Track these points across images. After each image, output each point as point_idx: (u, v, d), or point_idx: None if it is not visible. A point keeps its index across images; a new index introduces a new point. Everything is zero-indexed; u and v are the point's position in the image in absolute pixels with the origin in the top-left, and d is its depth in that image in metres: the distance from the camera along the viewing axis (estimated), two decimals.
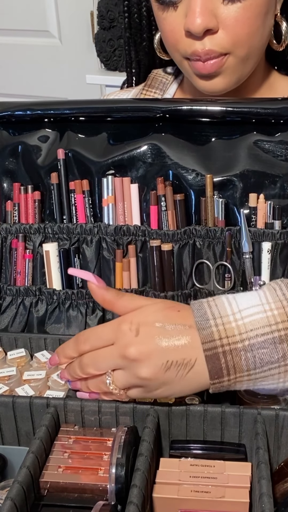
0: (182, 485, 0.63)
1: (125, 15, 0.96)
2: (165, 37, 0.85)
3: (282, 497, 0.63)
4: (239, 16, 0.78)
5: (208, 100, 0.83)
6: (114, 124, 0.87)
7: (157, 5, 0.82)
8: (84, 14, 2.15)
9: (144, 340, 0.62)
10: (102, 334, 0.65)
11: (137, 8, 0.95)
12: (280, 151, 0.82)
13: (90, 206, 0.87)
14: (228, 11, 0.78)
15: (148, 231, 0.84)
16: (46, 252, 0.87)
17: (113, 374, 0.64)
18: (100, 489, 0.61)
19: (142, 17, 0.95)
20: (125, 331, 0.63)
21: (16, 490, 0.58)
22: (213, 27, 0.78)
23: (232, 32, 0.79)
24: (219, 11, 0.78)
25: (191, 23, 0.77)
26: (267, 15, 0.81)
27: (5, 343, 0.85)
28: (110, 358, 0.64)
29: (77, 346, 0.67)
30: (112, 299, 0.67)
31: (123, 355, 0.63)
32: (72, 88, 2.22)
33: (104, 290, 0.67)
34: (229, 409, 0.67)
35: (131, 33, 0.98)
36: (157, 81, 1.00)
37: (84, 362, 0.66)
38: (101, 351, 0.65)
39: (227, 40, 0.79)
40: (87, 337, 0.66)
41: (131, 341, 0.62)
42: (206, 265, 0.84)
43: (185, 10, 0.79)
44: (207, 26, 0.77)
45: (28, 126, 0.89)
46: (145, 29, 0.97)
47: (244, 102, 0.83)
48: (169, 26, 0.82)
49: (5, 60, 2.35)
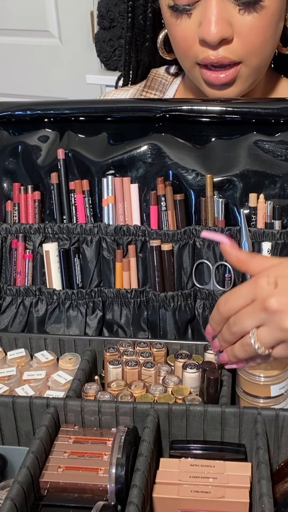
0: (182, 485, 0.63)
1: (128, 15, 0.95)
2: (176, 43, 0.84)
3: (282, 497, 0.63)
4: (253, 25, 0.77)
5: (208, 100, 0.83)
6: (114, 124, 0.87)
7: (170, 12, 0.80)
8: (84, 14, 2.15)
9: (283, 291, 0.63)
10: (240, 293, 0.66)
11: (143, 9, 0.94)
12: (280, 151, 0.82)
13: (90, 206, 0.87)
14: (243, 20, 0.77)
15: (147, 231, 0.84)
16: (46, 252, 0.87)
17: (257, 332, 0.64)
18: (100, 489, 0.61)
19: (147, 18, 0.94)
20: (263, 285, 0.64)
21: (16, 490, 0.58)
22: (229, 36, 0.77)
23: (247, 41, 0.78)
24: (234, 20, 0.77)
25: (207, 33, 0.76)
26: (279, 23, 0.81)
27: (5, 343, 0.85)
28: (252, 314, 0.64)
29: (219, 309, 0.67)
30: (246, 259, 0.68)
31: (265, 307, 0.63)
32: (72, 88, 2.21)
33: (238, 251, 0.69)
34: (229, 409, 0.67)
35: (133, 33, 0.97)
36: (156, 81, 1.00)
37: (229, 323, 0.67)
38: (243, 309, 0.65)
39: (241, 48, 0.79)
40: (227, 298, 0.67)
41: (271, 293, 0.63)
42: (206, 265, 0.84)
43: (199, 18, 0.78)
44: (223, 36, 0.77)
45: (28, 126, 0.89)
46: (148, 30, 0.96)
47: (244, 102, 0.83)
48: (181, 33, 0.81)
49: (5, 60, 2.35)
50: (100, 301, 0.88)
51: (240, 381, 0.72)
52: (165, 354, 0.80)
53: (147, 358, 0.77)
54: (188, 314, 0.85)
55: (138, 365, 0.76)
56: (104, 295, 0.87)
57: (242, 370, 0.71)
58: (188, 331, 0.86)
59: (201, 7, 0.78)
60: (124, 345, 0.80)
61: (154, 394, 0.73)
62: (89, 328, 0.87)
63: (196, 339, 0.85)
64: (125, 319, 0.87)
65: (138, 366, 0.76)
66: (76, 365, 0.80)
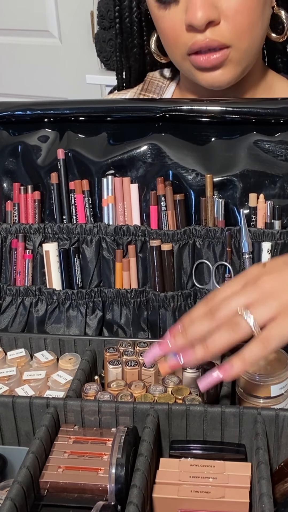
0: (182, 485, 0.63)
1: (116, 21, 0.96)
2: (164, 35, 0.84)
3: (282, 497, 0.63)
4: (239, 7, 0.78)
5: (208, 100, 0.83)
6: (114, 124, 0.87)
7: (157, 5, 0.82)
8: (84, 14, 2.15)
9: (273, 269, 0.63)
10: (231, 282, 0.65)
11: (129, 12, 0.94)
12: (280, 151, 0.82)
13: (90, 206, 0.87)
14: (228, 2, 0.78)
15: (147, 231, 0.84)
16: (46, 252, 0.87)
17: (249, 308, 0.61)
18: (100, 489, 0.61)
19: (133, 22, 0.95)
20: (253, 268, 0.65)
21: (16, 490, 0.58)
22: (215, 18, 0.78)
23: (234, 23, 0.79)
24: (219, 3, 0.78)
25: (193, 16, 0.77)
26: (265, 6, 0.82)
27: (5, 343, 0.85)
28: (242, 293, 0.63)
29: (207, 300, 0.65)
30: None
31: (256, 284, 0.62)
32: (72, 88, 2.21)
33: None
34: (229, 409, 0.67)
35: (122, 39, 0.98)
36: (153, 85, 1.00)
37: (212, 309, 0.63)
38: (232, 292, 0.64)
39: (229, 30, 0.79)
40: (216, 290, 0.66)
41: (261, 272, 0.63)
42: (206, 265, 0.84)
43: (185, 5, 0.79)
44: (208, 18, 0.77)
45: (28, 126, 0.89)
46: (135, 35, 0.96)
47: (244, 102, 0.83)
48: (168, 23, 0.82)
49: (5, 60, 2.34)
50: (100, 301, 0.88)
51: (240, 381, 0.72)
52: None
53: None
54: None
55: (138, 365, 0.76)
56: (104, 295, 0.87)
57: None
58: None
59: None
60: (124, 345, 0.80)
61: (154, 394, 0.73)
62: (89, 328, 0.87)
63: None
64: (125, 319, 0.87)
65: (138, 366, 0.76)
66: (76, 365, 0.80)
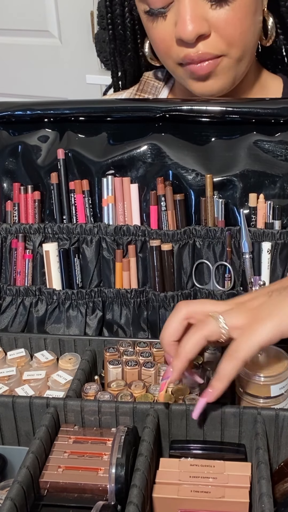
0: (181, 485, 0.63)
1: (109, 27, 0.96)
2: (156, 46, 0.85)
3: (282, 497, 0.63)
4: (229, 18, 0.78)
5: (208, 100, 0.83)
6: (114, 124, 0.87)
7: (146, 17, 0.82)
8: (84, 14, 2.15)
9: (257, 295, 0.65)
10: None
11: (121, 20, 0.94)
12: (280, 151, 0.82)
13: (90, 206, 0.87)
14: (217, 14, 0.78)
15: (147, 231, 0.84)
16: (46, 252, 0.87)
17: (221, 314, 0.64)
18: (100, 489, 0.61)
19: (126, 28, 0.95)
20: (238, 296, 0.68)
21: (16, 490, 0.58)
22: (205, 32, 0.78)
23: (225, 34, 0.79)
24: (208, 15, 0.78)
25: (182, 31, 0.77)
26: (256, 13, 0.82)
27: (5, 343, 0.85)
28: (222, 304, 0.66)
29: None
30: None
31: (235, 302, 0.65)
32: (72, 88, 2.21)
33: None
34: (229, 409, 0.67)
35: (116, 44, 0.98)
36: (148, 85, 1.01)
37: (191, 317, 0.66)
38: None
39: (221, 42, 0.79)
40: None
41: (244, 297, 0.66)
42: (206, 265, 0.84)
43: (174, 18, 0.79)
44: (198, 32, 0.77)
45: (28, 126, 0.89)
46: (129, 40, 0.96)
47: (244, 102, 0.83)
48: (158, 35, 0.82)
49: (5, 60, 2.34)
50: (100, 301, 0.88)
51: (240, 381, 0.72)
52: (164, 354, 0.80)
53: (146, 358, 0.77)
54: None
55: (138, 365, 0.76)
56: (104, 295, 0.87)
57: (242, 370, 0.71)
58: None
59: (175, 8, 0.79)
60: (124, 345, 0.80)
61: (154, 394, 0.73)
62: (89, 328, 0.87)
63: None
64: (125, 319, 0.87)
65: (138, 366, 0.76)
66: (76, 365, 0.80)
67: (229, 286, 0.83)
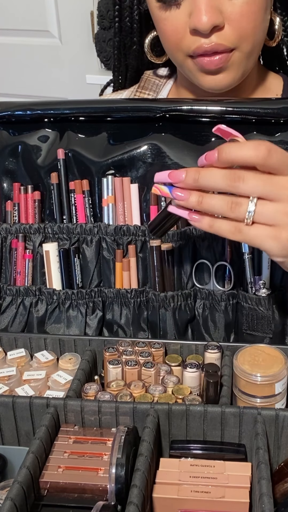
0: (182, 485, 0.63)
1: (115, 20, 0.96)
2: (166, 37, 0.84)
3: (282, 497, 0.63)
4: (244, 11, 0.78)
5: (208, 100, 0.83)
6: (114, 124, 0.87)
7: (158, 5, 0.81)
8: (84, 14, 2.15)
9: None
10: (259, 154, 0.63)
11: (130, 12, 0.94)
12: None
13: (90, 206, 0.87)
14: (233, 6, 0.78)
15: (148, 231, 0.84)
16: (46, 252, 0.87)
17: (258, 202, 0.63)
18: (100, 489, 0.61)
19: (133, 20, 0.95)
20: None
21: (16, 490, 0.58)
22: (220, 23, 0.78)
23: (238, 27, 0.79)
24: (224, 7, 0.78)
25: (198, 21, 0.77)
26: (267, 10, 0.82)
27: (5, 343, 0.85)
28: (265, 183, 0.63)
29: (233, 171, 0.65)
30: None
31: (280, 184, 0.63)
32: (72, 88, 2.21)
33: None
34: (229, 409, 0.67)
35: (121, 37, 0.97)
36: (150, 82, 1.00)
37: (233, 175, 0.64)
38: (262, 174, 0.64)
39: (234, 34, 0.79)
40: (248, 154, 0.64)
41: None
42: (206, 265, 0.84)
43: (189, 8, 0.79)
44: (214, 23, 0.77)
45: (28, 126, 0.89)
46: (135, 33, 0.96)
47: (244, 102, 0.83)
48: (171, 26, 0.81)
49: (5, 60, 2.34)
50: (100, 301, 0.88)
51: (237, 381, 0.72)
52: (163, 354, 0.80)
53: (146, 358, 0.77)
54: (187, 314, 0.85)
55: (138, 365, 0.76)
56: (104, 295, 0.87)
57: (239, 370, 0.71)
58: (188, 331, 0.86)
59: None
60: (123, 344, 0.80)
61: (154, 394, 0.73)
62: (89, 328, 0.87)
63: (196, 339, 0.85)
64: (125, 319, 0.87)
65: (138, 366, 0.76)
66: (76, 365, 0.80)
67: (229, 286, 0.83)
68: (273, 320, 0.82)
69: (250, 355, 0.73)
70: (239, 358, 0.73)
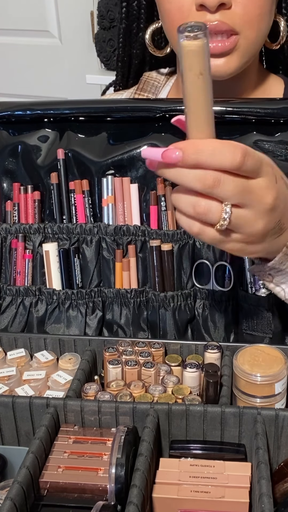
0: (181, 485, 0.63)
1: (122, 5, 0.95)
2: (170, 17, 0.83)
3: (282, 497, 0.63)
4: None
5: None
6: (114, 124, 0.87)
7: None
8: (84, 14, 2.15)
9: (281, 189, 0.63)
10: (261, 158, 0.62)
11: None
12: (280, 151, 0.82)
13: (90, 206, 0.87)
14: None
15: (147, 231, 0.84)
16: (46, 252, 0.87)
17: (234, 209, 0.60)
18: (100, 489, 0.61)
19: (141, 5, 0.94)
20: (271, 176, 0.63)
21: (16, 490, 0.58)
22: (227, 1, 0.77)
23: (245, 10, 0.79)
24: None
25: None
26: (273, 5, 0.82)
27: (5, 343, 0.85)
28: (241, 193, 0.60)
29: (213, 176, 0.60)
30: None
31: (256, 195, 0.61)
32: (72, 88, 2.21)
33: None
34: (229, 409, 0.67)
35: (128, 23, 0.96)
36: (148, 84, 1.00)
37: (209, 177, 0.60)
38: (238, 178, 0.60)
39: (239, 17, 0.79)
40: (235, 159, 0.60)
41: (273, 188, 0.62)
42: (206, 265, 0.84)
43: None
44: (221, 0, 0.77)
45: (28, 126, 0.89)
46: (142, 19, 0.95)
47: (244, 102, 0.83)
48: (175, 3, 0.80)
49: (5, 60, 2.34)
50: (100, 301, 0.88)
51: (236, 381, 0.72)
52: (162, 354, 0.80)
53: (146, 358, 0.77)
54: (187, 314, 0.85)
55: (138, 365, 0.76)
56: (104, 295, 0.87)
57: (239, 370, 0.71)
58: (188, 331, 0.86)
59: None
60: (123, 345, 0.80)
61: (153, 394, 0.73)
62: (89, 328, 0.87)
63: (195, 339, 0.85)
64: (125, 319, 0.87)
65: (138, 366, 0.76)
66: (76, 365, 0.80)
67: (229, 286, 0.83)
68: (273, 320, 0.82)
69: (250, 355, 0.73)
70: (239, 358, 0.73)
